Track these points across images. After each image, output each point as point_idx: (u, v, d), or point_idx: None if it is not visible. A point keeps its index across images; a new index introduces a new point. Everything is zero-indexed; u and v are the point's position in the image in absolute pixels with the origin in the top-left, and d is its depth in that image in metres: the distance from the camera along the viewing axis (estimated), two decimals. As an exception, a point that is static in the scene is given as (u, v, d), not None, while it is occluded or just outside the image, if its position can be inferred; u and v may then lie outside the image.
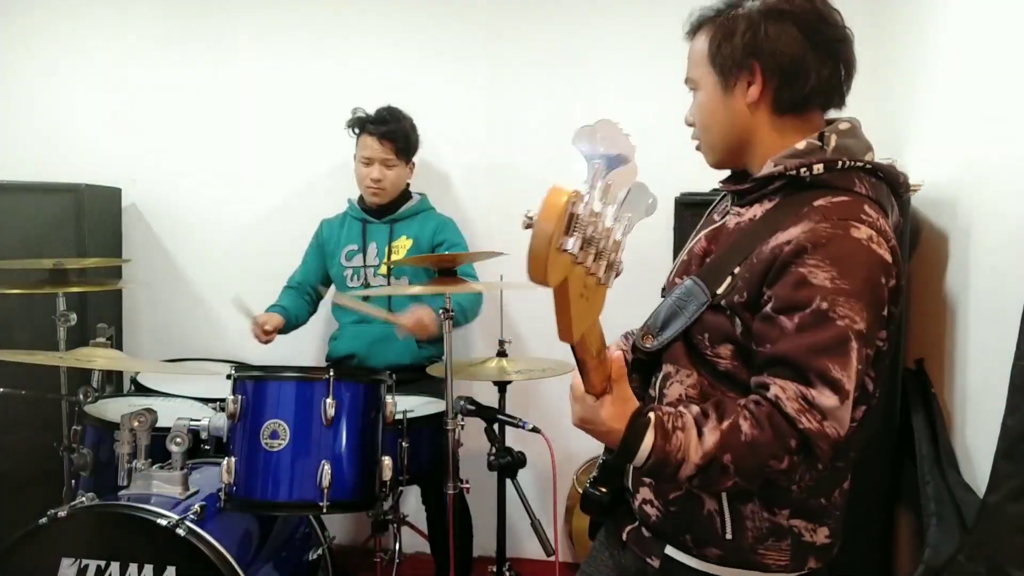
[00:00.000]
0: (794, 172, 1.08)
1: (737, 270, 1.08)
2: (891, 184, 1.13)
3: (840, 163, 1.08)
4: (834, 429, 0.98)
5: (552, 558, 1.89)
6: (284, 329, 2.54)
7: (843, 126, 1.13)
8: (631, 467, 1.18)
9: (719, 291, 1.08)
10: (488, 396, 2.26)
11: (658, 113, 2.75)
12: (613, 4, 2.77)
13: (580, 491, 2.30)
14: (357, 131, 2.60)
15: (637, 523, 1.21)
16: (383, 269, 2.56)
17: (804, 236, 1.02)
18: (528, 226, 0.74)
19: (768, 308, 1.02)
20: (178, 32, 3.02)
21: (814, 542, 1.13)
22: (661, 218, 2.47)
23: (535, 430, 1.94)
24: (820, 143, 1.11)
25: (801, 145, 1.10)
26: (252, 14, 2.98)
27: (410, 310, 2.31)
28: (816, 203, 1.05)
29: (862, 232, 1.02)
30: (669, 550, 1.15)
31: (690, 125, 1.22)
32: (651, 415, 1.00)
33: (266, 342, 2.45)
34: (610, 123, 0.87)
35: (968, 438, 1.75)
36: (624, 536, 1.23)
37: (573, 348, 0.92)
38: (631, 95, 2.76)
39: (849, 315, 0.99)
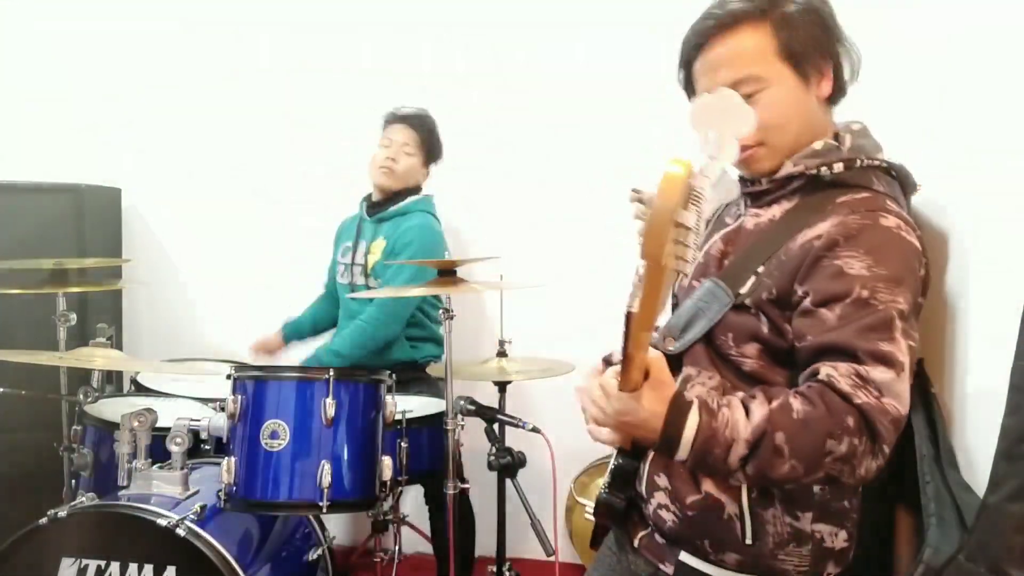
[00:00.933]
0: (814, 171, 1.09)
1: (761, 269, 1.08)
2: (902, 183, 1.15)
3: (859, 162, 1.10)
4: (894, 406, 0.94)
5: (552, 558, 1.88)
6: (300, 334, 2.68)
7: (856, 127, 1.15)
8: (666, 460, 1.14)
9: (743, 291, 1.08)
10: (488, 396, 2.26)
11: (658, 114, 2.76)
12: (614, 5, 2.77)
13: (578, 499, 2.29)
14: (387, 122, 2.62)
15: (650, 529, 1.20)
16: (365, 269, 2.56)
17: (835, 229, 1.02)
18: (638, 200, 0.72)
19: (807, 303, 1.01)
20: (179, 32, 3.02)
21: (833, 547, 1.12)
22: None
23: (535, 430, 1.93)
24: (836, 143, 1.12)
25: (818, 145, 1.12)
26: (254, 14, 2.98)
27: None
28: (839, 200, 1.07)
29: (891, 221, 1.03)
30: (683, 556, 1.14)
31: None
32: (693, 398, 0.97)
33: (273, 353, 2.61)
34: (729, 92, 0.85)
35: (968, 438, 1.75)
36: (636, 542, 1.22)
37: (627, 342, 0.89)
38: (632, 95, 2.76)
39: (891, 299, 0.98)
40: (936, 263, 1.96)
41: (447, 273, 1.99)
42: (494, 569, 2.23)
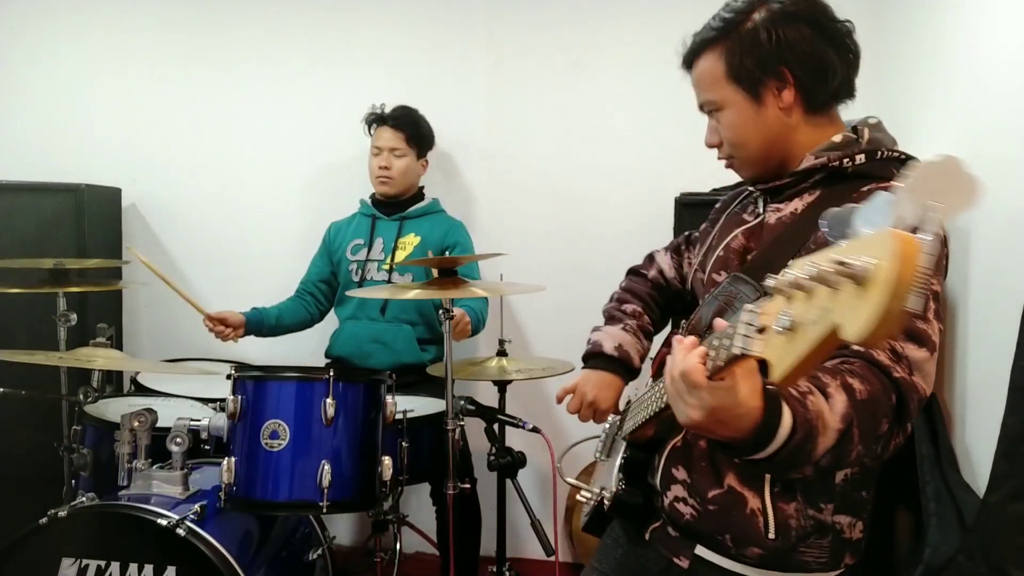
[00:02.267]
0: (837, 163, 1.11)
1: (791, 262, 1.08)
2: None
3: (879, 153, 1.12)
4: (923, 386, 0.94)
5: (552, 558, 1.89)
6: (261, 325, 2.55)
7: (872, 121, 1.17)
8: (686, 453, 1.13)
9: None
10: (488, 396, 2.26)
11: (659, 112, 2.77)
12: (614, 2, 2.77)
13: (566, 480, 2.28)
14: (369, 127, 2.65)
15: (662, 521, 1.20)
16: (386, 264, 2.57)
17: None
18: (849, 275, 0.62)
19: None
20: (179, 32, 3.02)
21: (851, 537, 1.13)
22: (661, 218, 2.48)
23: (535, 430, 1.94)
24: (855, 136, 1.14)
25: (838, 138, 1.13)
26: (253, 13, 2.98)
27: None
28: (865, 188, 1.08)
29: None
30: (700, 550, 1.14)
31: (715, 146, 1.22)
32: (772, 385, 0.86)
33: (225, 337, 2.45)
34: (955, 160, 0.75)
35: (968, 438, 1.75)
36: (648, 535, 1.22)
37: (737, 362, 0.79)
38: (632, 94, 2.76)
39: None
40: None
41: (447, 273, 1.98)
42: (494, 569, 2.23)
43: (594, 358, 1.42)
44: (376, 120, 2.64)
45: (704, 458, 1.13)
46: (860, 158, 1.10)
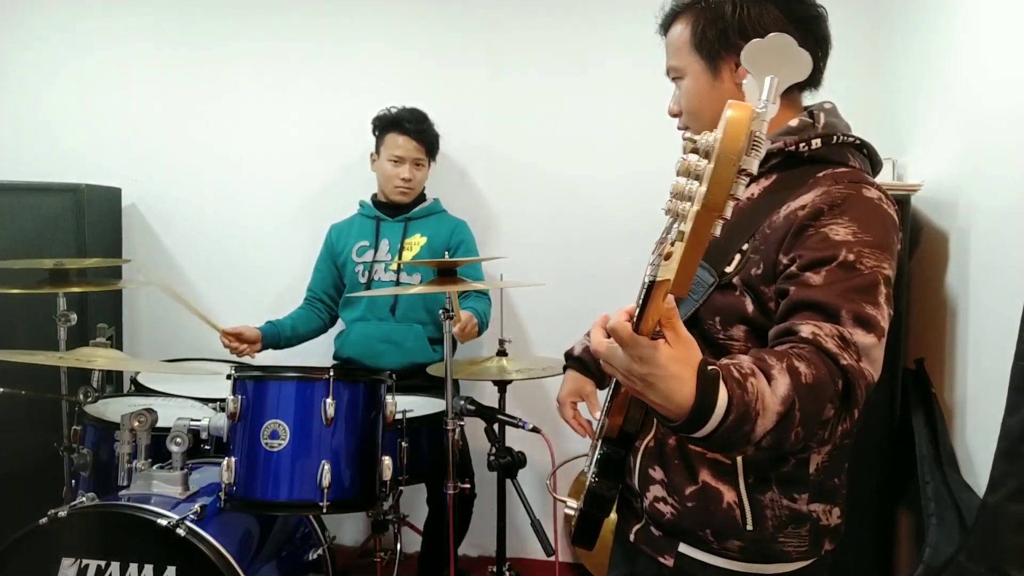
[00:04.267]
0: (793, 147, 1.11)
1: (745, 247, 1.08)
2: (871, 160, 1.17)
3: (835, 138, 1.12)
4: (870, 372, 0.93)
5: (552, 558, 1.89)
6: (278, 337, 2.54)
7: (827, 106, 1.17)
8: (660, 449, 1.14)
9: (728, 270, 1.08)
10: (488, 396, 2.26)
11: (657, 113, 2.76)
12: (613, 3, 2.77)
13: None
14: (382, 130, 2.61)
15: (644, 521, 1.20)
16: (393, 265, 2.57)
17: (819, 199, 1.03)
18: (693, 150, 0.67)
19: (792, 268, 1.01)
20: (179, 32, 3.02)
21: (829, 524, 1.14)
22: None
23: (535, 430, 1.94)
24: (811, 120, 1.14)
25: (794, 123, 1.13)
26: (253, 14, 2.98)
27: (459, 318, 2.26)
28: (821, 174, 1.08)
29: (872, 193, 1.05)
30: (683, 548, 1.14)
31: (675, 115, 1.24)
32: (714, 366, 0.87)
33: (241, 353, 2.44)
34: (786, 37, 0.82)
35: (968, 438, 1.75)
36: (632, 537, 1.22)
37: (644, 316, 0.81)
38: (631, 95, 2.76)
39: (876, 264, 0.99)
40: (936, 263, 1.96)
41: (447, 273, 1.99)
42: (494, 569, 2.23)
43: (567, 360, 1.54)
44: (392, 125, 2.58)
45: (676, 456, 1.14)
46: (816, 143, 1.11)
